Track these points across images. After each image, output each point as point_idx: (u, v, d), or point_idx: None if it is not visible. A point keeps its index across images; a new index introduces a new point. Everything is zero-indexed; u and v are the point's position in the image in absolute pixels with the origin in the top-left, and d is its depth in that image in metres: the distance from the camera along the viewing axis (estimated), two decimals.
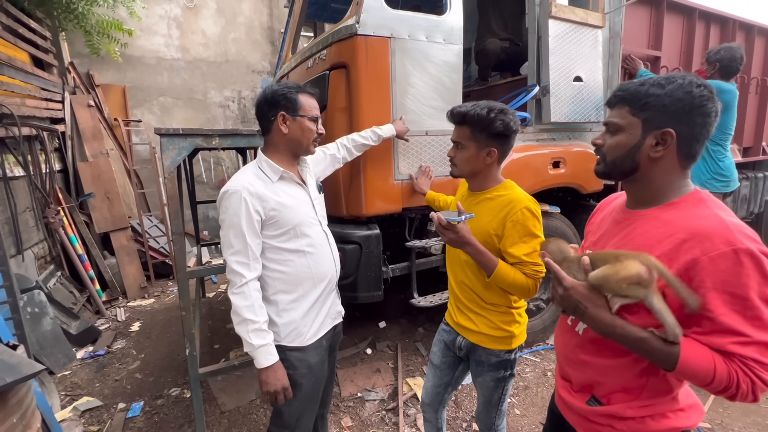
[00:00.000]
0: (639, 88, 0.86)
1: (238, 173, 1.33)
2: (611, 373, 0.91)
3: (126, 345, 3.20)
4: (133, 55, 4.94)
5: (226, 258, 1.26)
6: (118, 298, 4.07)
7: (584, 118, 2.62)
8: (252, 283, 1.25)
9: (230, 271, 1.25)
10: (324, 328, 1.45)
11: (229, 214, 1.24)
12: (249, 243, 1.24)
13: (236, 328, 1.25)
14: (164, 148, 1.53)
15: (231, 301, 1.25)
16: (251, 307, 1.23)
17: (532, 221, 1.27)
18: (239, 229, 1.23)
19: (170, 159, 1.52)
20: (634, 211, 0.91)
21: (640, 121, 0.85)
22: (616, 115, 0.90)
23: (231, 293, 1.25)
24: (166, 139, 1.53)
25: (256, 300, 1.25)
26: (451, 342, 1.53)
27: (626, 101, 0.87)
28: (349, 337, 3.10)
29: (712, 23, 3.46)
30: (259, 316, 1.24)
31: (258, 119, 1.37)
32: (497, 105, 1.30)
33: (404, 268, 2.33)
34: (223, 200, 1.26)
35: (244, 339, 1.24)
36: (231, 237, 1.24)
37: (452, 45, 2.14)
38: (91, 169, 4.15)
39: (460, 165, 1.36)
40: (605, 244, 0.96)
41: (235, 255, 1.24)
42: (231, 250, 1.25)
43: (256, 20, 5.71)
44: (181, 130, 1.53)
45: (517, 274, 1.25)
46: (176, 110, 5.26)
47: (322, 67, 2.12)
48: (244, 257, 1.24)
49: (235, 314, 1.24)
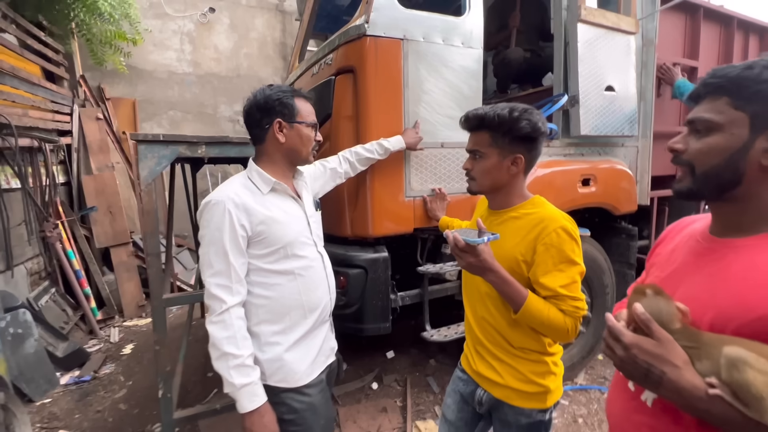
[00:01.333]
0: (745, 73, 0.63)
1: (224, 183, 1.14)
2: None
3: (115, 370, 2.98)
4: (144, 69, 4.93)
5: (205, 280, 1.06)
6: (114, 316, 3.89)
7: (616, 131, 2.37)
8: (234, 310, 1.04)
9: (209, 296, 1.05)
10: (317, 367, 1.22)
11: (210, 228, 1.05)
12: (232, 262, 1.04)
13: (214, 364, 1.03)
14: (142, 157, 1.34)
15: (208, 331, 1.03)
16: (232, 339, 1.02)
17: (570, 244, 1.02)
18: (221, 245, 1.04)
19: (148, 169, 1.33)
20: (724, 240, 0.69)
21: (747, 117, 0.63)
22: (708, 108, 0.67)
23: (209, 322, 1.04)
24: (144, 147, 1.34)
25: (239, 330, 1.04)
26: (469, 395, 1.25)
27: (725, 90, 0.65)
28: (353, 369, 2.82)
29: (751, 33, 3.21)
30: (242, 349, 1.03)
31: (248, 128, 1.19)
32: (519, 105, 1.08)
33: (415, 296, 2.07)
34: (204, 212, 1.07)
35: (223, 377, 1.02)
36: (211, 255, 1.05)
37: (471, 49, 1.94)
38: (95, 183, 4.05)
39: (479, 177, 1.13)
40: (679, 282, 0.72)
41: (216, 276, 1.04)
42: (210, 271, 1.05)
43: (269, 36, 5.70)
44: (162, 136, 1.35)
45: (551, 310, 1.00)
46: (185, 124, 5.20)
47: (328, 73, 1.94)
48: (225, 279, 1.04)
49: (213, 347, 1.03)
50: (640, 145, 2.61)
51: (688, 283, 0.70)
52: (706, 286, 0.66)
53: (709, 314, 0.63)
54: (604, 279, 2.54)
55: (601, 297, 2.52)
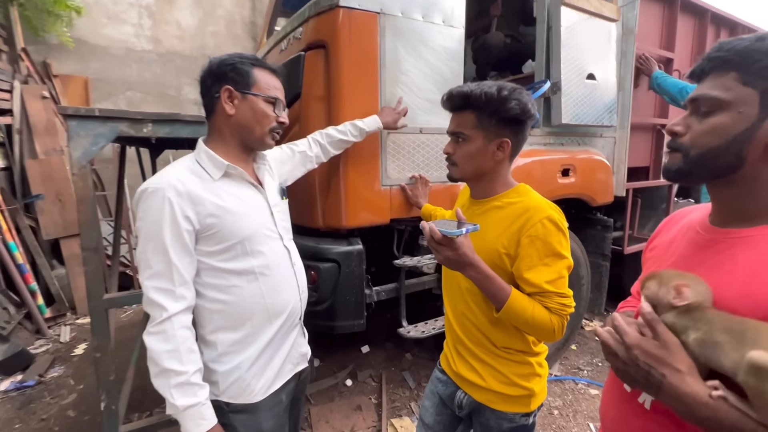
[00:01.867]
0: (756, 45, 0.57)
1: (166, 167, 0.97)
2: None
3: (64, 373, 2.73)
4: (97, 44, 4.51)
5: (142, 283, 0.89)
6: (65, 314, 3.58)
7: (597, 121, 2.33)
8: (178, 319, 0.88)
9: (147, 302, 0.89)
10: (282, 377, 1.09)
11: (147, 221, 0.89)
12: (174, 262, 0.88)
13: (153, 381, 0.88)
14: (73, 135, 1.13)
15: (146, 343, 0.87)
16: (175, 353, 0.86)
17: (557, 236, 0.94)
18: (160, 242, 0.87)
19: (82, 149, 1.13)
20: (728, 230, 0.63)
21: (757, 94, 0.56)
22: (714, 85, 0.60)
23: (146, 333, 0.88)
24: (76, 123, 1.13)
25: (183, 342, 0.88)
26: (448, 397, 1.17)
27: (733, 65, 0.58)
28: (326, 365, 2.71)
29: (722, 27, 3.26)
30: (187, 365, 0.87)
31: (201, 98, 1.03)
32: (508, 83, 0.98)
33: (392, 290, 1.96)
34: (139, 202, 0.91)
35: (165, 397, 0.86)
36: (149, 253, 0.88)
37: (452, 28, 1.82)
38: (41, 168, 3.68)
39: (461, 163, 1.03)
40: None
41: (154, 279, 0.88)
42: (148, 272, 0.88)
43: (237, 14, 5.35)
44: (97, 110, 1.15)
45: (536, 308, 0.92)
46: (145, 106, 4.83)
47: (297, 48, 1.77)
48: (166, 282, 0.88)
49: (153, 363, 0.87)
50: (617, 136, 2.60)
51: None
52: (709, 279, 0.60)
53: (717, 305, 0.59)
54: (580, 270, 2.53)
55: (577, 288, 2.51)
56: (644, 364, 0.57)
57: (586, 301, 2.68)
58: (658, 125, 2.84)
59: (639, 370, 0.58)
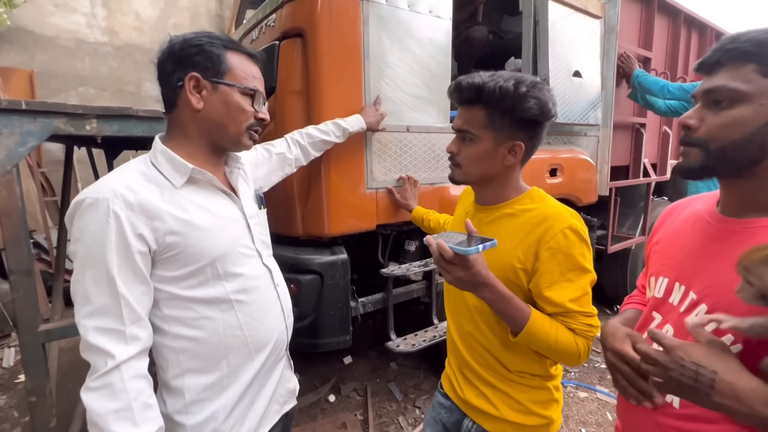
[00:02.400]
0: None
1: (111, 173, 0.78)
2: None
3: (6, 403, 2.41)
4: (43, 34, 4.09)
5: (79, 323, 0.70)
6: (9, 335, 3.21)
7: (582, 119, 2.29)
8: (129, 367, 0.69)
9: (86, 348, 0.69)
10: (268, 421, 0.93)
11: (84, 242, 0.70)
12: (123, 294, 0.69)
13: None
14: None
15: (84, 403, 0.67)
16: (125, 413, 0.67)
17: (580, 248, 0.83)
18: (103, 269, 0.68)
19: (6, 150, 0.90)
20: (746, 220, 0.62)
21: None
22: (732, 77, 0.59)
23: (86, 389, 0.68)
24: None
25: (137, 397, 0.69)
26: (453, 425, 1.05)
27: (752, 56, 0.57)
28: (307, 379, 2.54)
29: (693, 29, 3.33)
30: (143, 426, 0.68)
31: (160, 86, 0.83)
32: (527, 76, 0.86)
33: (378, 301, 1.82)
34: (74, 218, 0.71)
35: None
36: (88, 284, 0.69)
37: (440, 19, 1.70)
38: None
39: (466, 165, 0.90)
40: (697, 269, 0.66)
41: (95, 317, 0.68)
42: (87, 308, 0.69)
43: (203, 5, 5.05)
44: (24, 103, 0.92)
45: (560, 330, 0.81)
46: (101, 102, 4.43)
47: (271, 37, 1.59)
48: (112, 320, 0.69)
49: (95, 428, 0.67)
50: (601, 135, 2.57)
51: (710, 270, 0.63)
52: (733, 273, 0.56)
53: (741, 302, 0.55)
54: None
55: None
56: (690, 364, 0.53)
57: None
58: (638, 124, 2.86)
59: (685, 371, 0.53)
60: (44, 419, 1.00)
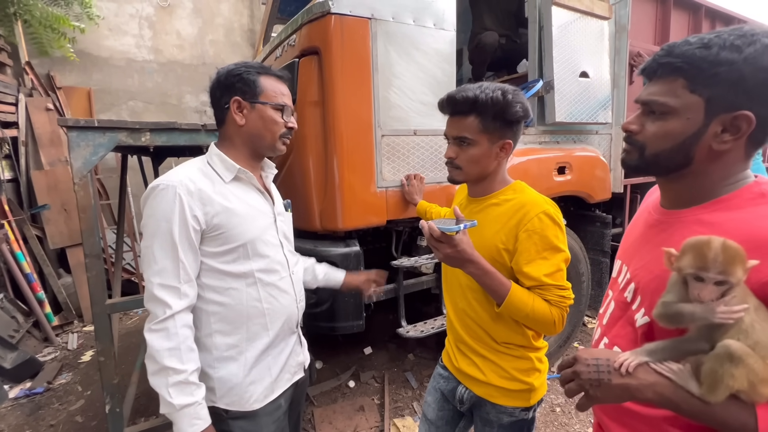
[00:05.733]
0: (703, 52, 0.60)
1: (178, 167, 0.99)
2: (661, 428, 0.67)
3: (72, 379, 2.77)
4: (99, 55, 4.58)
5: (147, 279, 0.91)
6: (72, 322, 3.63)
7: (591, 118, 2.35)
8: (180, 317, 0.90)
9: (150, 298, 0.90)
10: (279, 386, 1.09)
11: (155, 217, 0.90)
12: (182, 258, 0.90)
13: (150, 379, 0.90)
14: (74, 145, 1.17)
15: (146, 340, 0.89)
16: (175, 351, 0.88)
17: (553, 230, 0.96)
18: (169, 238, 0.89)
19: (82, 159, 1.17)
20: (671, 212, 0.71)
21: (702, 101, 0.61)
22: (663, 91, 0.65)
23: (147, 330, 0.89)
24: (76, 134, 1.17)
25: (185, 341, 0.90)
26: (449, 392, 1.19)
27: (681, 72, 0.62)
28: (329, 367, 2.73)
29: (717, 21, 3.26)
30: (186, 364, 0.89)
31: (212, 108, 1.06)
32: (506, 86, 1.01)
33: (390, 291, 1.98)
34: (149, 198, 0.92)
35: (161, 395, 0.88)
36: (155, 249, 0.90)
37: (444, 31, 1.85)
38: (46, 179, 3.74)
39: (466, 166, 1.04)
40: (635, 252, 0.76)
41: (160, 275, 0.89)
42: (154, 268, 0.90)
43: (236, 22, 5.42)
44: (97, 121, 1.19)
45: (536, 301, 0.94)
46: (147, 115, 4.89)
47: (292, 55, 1.80)
48: (172, 279, 0.90)
49: (151, 360, 0.88)
50: (613, 133, 2.61)
51: (641, 252, 0.74)
52: (653, 254, 0.68)
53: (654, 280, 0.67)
54: (580, 267, 2.54)
55: (578, 285, 2.51)
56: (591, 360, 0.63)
57: (587, 298, 2.69)
58: None
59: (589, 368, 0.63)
60: (109, 376, 1.26)
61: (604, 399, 0.63)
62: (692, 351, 0.59)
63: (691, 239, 0.57)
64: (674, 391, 0.58)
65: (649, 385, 0.59)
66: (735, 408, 0.55)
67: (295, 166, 1.85)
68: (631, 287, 0.73)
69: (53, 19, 3.96)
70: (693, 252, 0.55)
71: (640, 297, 0.71)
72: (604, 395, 0.62)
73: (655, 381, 0.59)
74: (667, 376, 0.59)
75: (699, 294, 0.54)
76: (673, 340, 0.61)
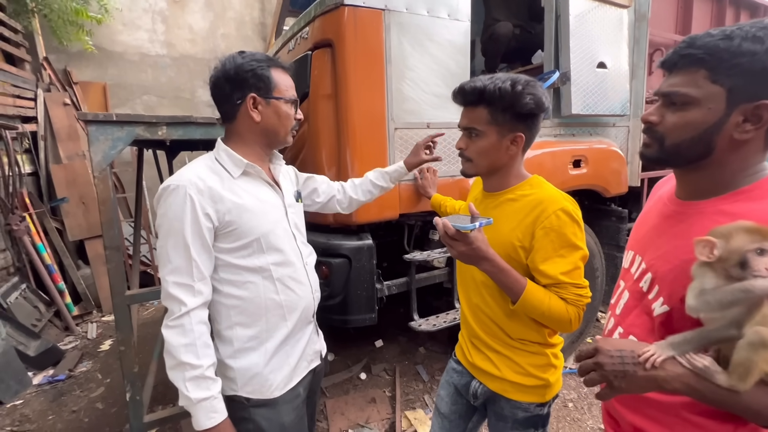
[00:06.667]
0: (725, 43, 0.61)
1: (187, 165, 1.00)
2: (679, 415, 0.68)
3: (92, 367, 2.85)
4: (114, 50, 4.64)
5: (162, 278, 0.93)
6: (91, 312, 3.73)
7: (608, 110, 2.29)
8: (196, 314, 0.92)
9: (166, 296, 0.92)
10: (298, 373, 1.11)
11: (168, 217, 0.92)
12: (194, 257, 0.92)
13: (169, 373, 0.92)
14: (93, 139, 1.20)
15: (164, 336, 0.91)
16: (191, 347, 0.90)
17: (571, 227, 0.94)
18: (181, 238, 0.91)
19: (102, 153, 1.19)
20: (689, 203, 0.71)
21: (724, 91, 0.62)
22: (684, 82, 0.65)
23: (165, 326, 0.91)
24: (95, 128, 1.20)
25: (200, 337, 0.92)
26: (463, 387, 1.18)
27: (703, 63, 0.63)
28: (341, 359, 2.76)
29: (742, 9, 3.14)
30: (202, 359, 0.91)
31: (217, 103, 1.03)
32: (521, 77, 0.98)
33: (402, 284, 1.98)
34: (161, 199, 0.94)
35: (179, 389, 0.90)
36: (169, 249, 0.92)
37: (458, 22, 1.81)
38: (65, 172, 3.83)
39: (476, 158, 1.03)
40: (650, 243, 0.76)
41: (174, 274, 0.91)
42: (168, 267, 0.92)
43: (247, 15, 5.42)
44: (115, 116, 1.20)
45: (553, 299, 0.93)
46: (161, 109, 4.95)
47: (305, 48, 1.80)
48: (186, 277, 0.91)
49: (169, 355, 0.91)
50: (631, 125, 2.54)
51: (658, 244, 0.73)
52: (671, 244, 0.69)
53: (674, 270, 0.67)
54: (594, 262, 2.50)
55: (592, 281, 2.47)
56: (615, 351, 0.63)
57: (601, 293, 2.65)
58: None
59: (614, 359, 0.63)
60: (130, 365, 1.29)
61: (628, 390, 0.63)
62: (721, 339, 0.58)
63: (727, 225, 0.58)
64: (701, 381, 0.58)
65: (677, 376, 0.59)
66: (762, 393, 0.55)
67: (307, 159, 1.85)
68: (648, 277, 0.73)
69: (72, 11, 4.01)
70: (746, 231, 0.56)
71: (658, 286, 0.70)
72: (628, 386, 0.62)
73: (682, 372, 0.59)
74: (696, 371, 0.59)
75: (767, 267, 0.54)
76: (698, 331, 0.60)
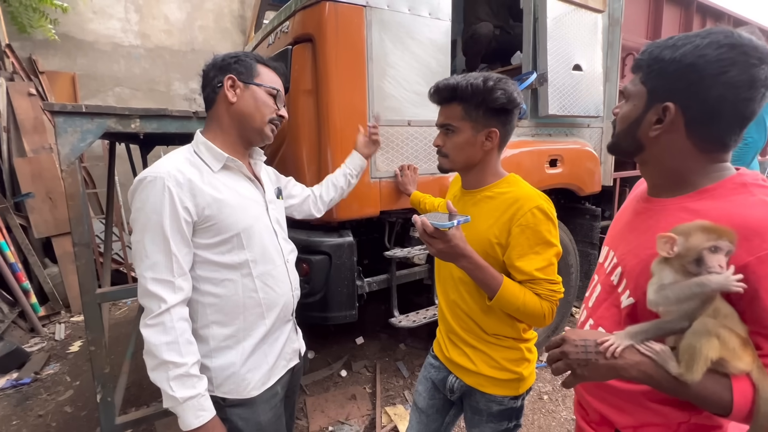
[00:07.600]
0: (656, 51, 0.68)
1: (164, 157, 0.97)
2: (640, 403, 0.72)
3: (60, 370, 2.74)
4: (84, 39, 4.44)
5: (139, 274, 0.89)
6: (59, 312, 3.58)
7: (583, 111, 2.36)
8: (176, 311, 0.89)
9: (144, 293, 0.89)
10: (276, 373, 1.09)
11: (145, 210, 0.88)
12: (174, 252, 0.88)
13: (151, 375, 0.88)
14: (61, 131, 1.14)
15: (143, 336, 0.88)
16: (173, 345, 0.87)
17: (546, 225, 0.97)
18: (160, 232, 0.87)
19: (70, 146, 1.13)
20: (657, 200, 0.75)
21: (646, 91, 0.70)
22: (630, 80, 0.75)
23: (143, 325, 0.88)
24: (63, 119, 1.14)
25: (182, 334, 0.89)
26: (440, 382, 1.20)
27: (640, 67, 0.72)
28: (321, 357, 2.75)
29: (708, 18, 3.29)
30: (186, 357, 0.88)
31: (202, 90, 1.04)
32: (493, 74, 1.01)
33: (383, 281, 1.99)
34: (137, 191, 0.90)
35: (163, 390, 0.87)
36: (147, 244, 0.88)
37: (439, 21, 1.83)
38: (30, 166, 3.64)
39: (452, 154, 1.05)
40: (621, 239, 0.80)
41: (152, 270, 0.88)
42: (146, 263, 0.88)
43: (226, 7, 5.29)
44: (84, 107, 1.15)
45: (527, 295, 0.95)
46: (135, 102, 4.78)
47: (285, 42, 1.77)
48: (165, 273, 0.88)
49: (150, 355, 0.87)
50: (604, 126, 2.63)
51: (629, 238, 0.78)
52: (640, 239, 0.73)
53: (640, 264, 0.71)
54: (569, 259, 2.58)
55: (566, 276, 2.56)
56: (579, 341, 0.67)
57: (576, 289, 2.74)
58: None
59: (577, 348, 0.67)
60: (101, 365, 1.24)
61: (590, 377, 0.66)
62: (675, 330, 0.62)
63: (687, 224, 0.61)
64: (656, 370, 0.62)
65: (634, 364, 0.63)
66: (711, 383, 0.58)
67: (287, 155, 1.83)
68: (618, 271, 0.76)
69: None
70: (702, 229, 0.59)
71: (626, 280, 0.74)
72: (591, 374, 0.65)
73: (640, 360, 0.63)
74: (650, 356, 0.62)
75: (720, 264, 0.57)
76: (654, 322, 0.64)
